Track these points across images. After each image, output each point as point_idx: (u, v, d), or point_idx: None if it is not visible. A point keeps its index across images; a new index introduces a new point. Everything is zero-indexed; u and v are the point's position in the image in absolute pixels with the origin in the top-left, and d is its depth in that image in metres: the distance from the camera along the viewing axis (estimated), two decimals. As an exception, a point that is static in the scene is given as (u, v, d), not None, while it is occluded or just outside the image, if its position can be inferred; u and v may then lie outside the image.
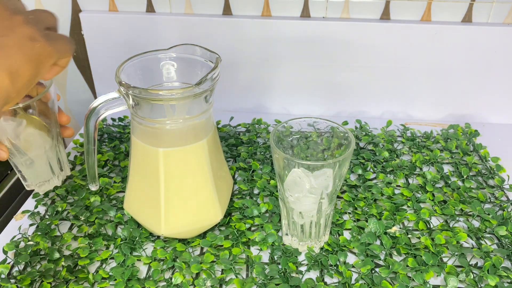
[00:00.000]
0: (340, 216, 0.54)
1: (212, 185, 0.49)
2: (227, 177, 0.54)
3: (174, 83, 0.51)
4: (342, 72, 0.73)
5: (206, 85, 0.43)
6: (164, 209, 0.47)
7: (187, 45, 0.49)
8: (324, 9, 0.71)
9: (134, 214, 0.51)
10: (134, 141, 0.48)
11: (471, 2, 0.68)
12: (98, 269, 0.48)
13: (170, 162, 0.46)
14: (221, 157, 0.53)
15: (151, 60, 0.49)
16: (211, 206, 0.49)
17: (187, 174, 0.47)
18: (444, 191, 0.58)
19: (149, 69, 0.49)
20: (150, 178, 0.47)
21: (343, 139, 0.47)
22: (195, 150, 0.47)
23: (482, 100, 0.74)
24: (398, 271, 0.46)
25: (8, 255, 0.49)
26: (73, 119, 0.87)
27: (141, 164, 0.48)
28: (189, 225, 0.49)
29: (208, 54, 0.48)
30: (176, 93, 0.42)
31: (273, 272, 0.46)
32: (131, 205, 0.51)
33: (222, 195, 0.51)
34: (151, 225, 0.49)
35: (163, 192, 0.47)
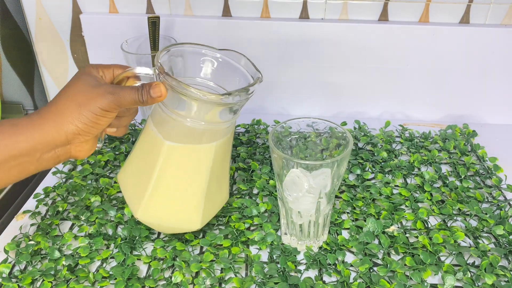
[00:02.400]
0: (338, 216, 0.54)
1: (203, 192, 0.48)
2: (223, 190, 0.52)
3: (209, 82, 0.50)
4: (341, 73, 0.74)
5: (235, 99, 0.43)
6: (148, 196, 0.47)
7: (235, 52, 0.49)
8: (323, 11, 0.71)
9: (122, 187, 0.50)
10: (149, 123, 0.48)
11: (468, 3, 0.69)
12: (99, 268, 0.48)
13: (172, 157, 0.46)
14: (226, 166, 0.51)
15: (194, 52, 0.49)
16: (194, 212, 0.48)
17: (183, 173, 0.47)
18: (442, 191, 0.58)
19: (189, 60, 0.49)
20: (148, 163, 0.47)
21: (341, 139, 0.48)
22: (201, 151, 0.47)
23: (480, 100, 0.75)
24: (396, 270, 0.46)
25: (9, 254, 0.50)
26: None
27: (145, 148, 0.48)
28: (165, 221, 0.48)
29: (252, 68, 0.48)
30: (203, 95, 0.41)
31: (272, 271, 0.46)
32: (123, 178, 0.51)
33: (210, 207, 0.50)
34: (132, 205, 0.49)
35: (154, 181, 0.46)
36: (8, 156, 0.39)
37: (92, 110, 0.41)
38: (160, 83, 0.43)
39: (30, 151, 0.40)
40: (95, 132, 0.43)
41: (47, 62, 0.80)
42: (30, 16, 0.75)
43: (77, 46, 0.78)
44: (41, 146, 0.41)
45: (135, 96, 0.42)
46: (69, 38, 0.77)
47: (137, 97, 0.42)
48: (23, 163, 0.40)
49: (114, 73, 0.46)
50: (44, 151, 0.41)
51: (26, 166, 0.41)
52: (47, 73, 0.81)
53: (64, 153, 0.43)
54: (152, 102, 0.43)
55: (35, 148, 0.40)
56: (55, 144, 0.41)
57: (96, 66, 0.45)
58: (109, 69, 0.46)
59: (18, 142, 0.40)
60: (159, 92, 0.42)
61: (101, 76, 0.45)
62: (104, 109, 0.42)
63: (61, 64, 0.80)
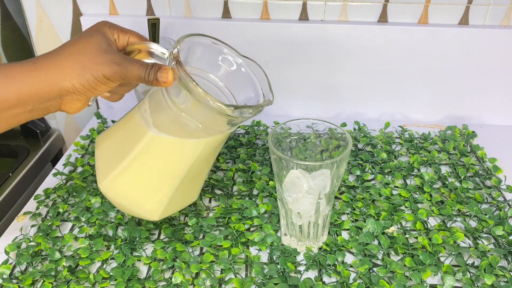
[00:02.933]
0: (338, 217, 0.54)
1: (174, 187, 0.46)
2: (194, 190, 0.51)
3: (220, 82, 0.49)
4: (341, 74, 0.74)
5: (240, 113, 0.42)
6: (118, 172, 0.46)
7: (257, 65, 0.48)
8: (323, 12, 0.71)
9: (97, 151, 0.49)
10: (143, 103, 0.46)
11: (467, 5, 0.69)
12: (99, 269, 0.48)
13: (154, 145, 0.45)
14: (206, 167, 0.50)
15: (216, 49, 0.48)
16: (157, 203, 0.47)
17: (161, 163, 0.46)
18: (441, 191, 0.58)
19: (209, 53, 0.48)
20: (127, 143, 0.46)
21: (341, 140, 0.48)
22: (186, 147, 0.45)
23: (479, 101, 0.75)
24: (396, 270, 0.47)
25: (10, 255, 0.50)
26: (73, 122, 0.87)
27: (130, 127, 0.47)
28: (126, 201, 0.47)
29: (267, 87, 0.47)
30: (205, 97, 0.40)
31: (272, 272, 0.47)
32: (101, 143, 0.49)
33: (175, 203, 0.48)
34: (99, 173, 0.48)
35: (128, 161, 0.45)
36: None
37: (94, 75, 0.40)
38: (170, 69, 0.41)
39: (22, 104, 0.39)
40: (90, 95, 0.42)
41: (48, 64, 0.80)
42: (31, 18, 0.75)
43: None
44: (33, 99, 0.39)
45: (141, 73, 0.41)
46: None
47: (143, 75, 0.41)
48: (15, 115, 0.40)
49: (129, 40, 0.45)
50: (36, 103, 0.40)
51: (17, 118, 0.40)
52: (48, 75, 0.81)
53: (55, 105, 0.42)
54: (156, 85, 0.42)
55: (27, 100, 0.39)
56: (48, 97, 0.40)
57: (113, 27, 0.44)
58: (125, 35, 0.45)
59: (10, 94, 0.38)
60: (165, 77, 0.41)
61: (115, 39, 0.44)
62: (107, 77, 0.40)
63: (62, 66, 0.80)
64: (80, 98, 0.42)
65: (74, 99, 0.42)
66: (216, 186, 0.60)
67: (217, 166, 0.64)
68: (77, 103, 0.42)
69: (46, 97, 0.40)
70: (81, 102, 0.43)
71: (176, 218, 0.55)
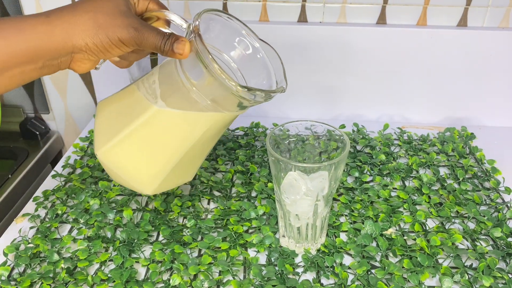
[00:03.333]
0: (336, 218, 0.54)
1: (173, 163, 0.46)
2: (192, 170, 0.50)
3: (233, 63, 0.48)
4: (339, 76, 0.74)
5: (252, 96, 0.41)
6: (117, 141, 0.45)
7: (274, 51, 0.46)
8: (321, 14, 0.72)
9: (98, 115, 0.48)
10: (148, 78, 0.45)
11: (466, 7, 0.69)
12: (97, 271, 0.48)
13: (157, 119, 0.44)
14: (208, 147, 0.49)
15: (234, 28, 0.46)
16: (153, 177, 0.46)
17: (163, 135, 0.45)
18: (440, 193, 0.58)
19: (226, 33, 0.47)
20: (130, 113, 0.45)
21: (339, 142, 0.48)
22: (191, 123, 0.44)
23: (478, 103, 0.75)
24: (394, 272, 0.47)
25: (8, 257, 0.50)
26: (73, 123, 0.87)
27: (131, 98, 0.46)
28: (121, 171, 0.46)
29: (281, 75, 0.46)
30: (220, 74, 0.39)
31: (270, 274, 0.47)
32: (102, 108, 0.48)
33: (170, 180, 0.47)
34: (98, 140, 0.47)
35: (129, 131, 0.45)
36: (10, 63, 0.37)
37: (109, 36, 0.39)
38: (187, 41, 0.40)
39: (34, 59, 0.38)
40: (101, 57, 0.41)
41: (47, 65, 0.80)
42: (30, 20, 0.75)
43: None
44: (45, 54, 0.38)
45: (158, 42, 0.40)
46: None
47: (160, 43, 0.40)
48: (26, 71, 0.39)
49: (148, 6, 0.44)
50: (47, 59, 0.39)
51: (28, 74, 0.39)
52: (47, 76, 0.82)
53: (65, 62, 0.41)
54: (171, 56, 0.41)
55: (38, 56, 0.38)
56: (59, 54, 0.39)
57: None
58: (145, 1, 0.43)
59: (22, 47, 0.37)
60: (182, 49, 0.40)
61: (134, 3, 0.43)
62: (122, 41, 0.39)
63: (61, 67, 0.81)
64: (91, 58, 0.41)
65: (85, 58, 0.41)
66: (214, 187, 0.60)
67: (216, 168, 0.64)
68: (87, 62, 0.42)
69: (57, 53, 0.39)
70: (90, 62, 0.42)
71: (175, 219, 0.55)
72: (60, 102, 0.85)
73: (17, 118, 0.85)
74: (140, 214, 0.56)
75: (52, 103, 0.85)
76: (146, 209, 0.56)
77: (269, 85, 0.46)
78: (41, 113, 0.86)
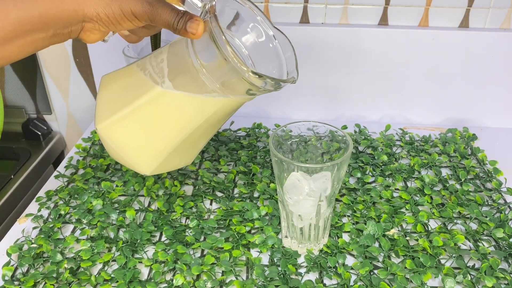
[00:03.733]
0: (339, 219, 0.54)
1: (174, 144, 0.45)
2: (192, 153, 0.49)
3: (244, 50, 0.47)
4: (341, 77, 0.74)
5: (262, 83, 0.40)
6: (119, 117, 0.44)
7: (287, 40, 0.45)
8: (323, 15, 0.72)
9: (101, 89, 0.47)
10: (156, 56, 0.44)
11: (468, 8, 0.69)
12: (100, 271, 0.48)
13: (162, 99, 0.43)
14: (211, 132, 0.48)
15: (249, 15, 0.45)
16: (152, 157, 0.45)
17: (167, 116, 0.44)
18: (442, 194, 0.59)
19: (240, 18, 0.45)
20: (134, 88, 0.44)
21: (341, 143, 0.48)
22: (196, 106, 0.43)
23: (480, 104, 0.75)
24: (396, 272, 0.47)
25: (12, 257, 0.50)
26: (75, 124, 0.88)
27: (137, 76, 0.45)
28: (120, 148, 0.46)
29: (293, 65, 0.45)
30: (233, 58, 0.38)
31: (273, 274, 0.47)
32: (106, 85, 0.47)
33: (170, 161, 0.47)
34: (100, 114, 0.46)
35: (132, 107, 0.44)
36: (21, 31, 0.37)
37: (122, 9, 0.38)
38: (201, 22, 0.39)
39: (45, 27, 0.38)
40: (112, 29, 0.41)
41: (50, 66, 0.81)
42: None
43: (79, 50, 0.79)
44: (56, 22, 0.38)
45: (171, 19, 0.39)
46: (72, 43, 0.78)
47: (173, 21, 0.39)
48: (37, 40, 0.38)
49: None
50: (58, 27, 0.39)
51: (39, 42, 0.39)
52: (49, 77, 0.82)
53: (75, 31, 0.40)
54: (183, 35, 0.39)
55: (50, 23, 0.38)
56: (70, 22, 0.39)
57: None
58: None
59: (34, 14, 0.37)
60: (195, 29, 0.39)
61: None
62: (135, 15, 0.39)
63: (63, 68, 0.81)
64: (101, 29, 0.40)
65: (95, 29, 0.40)
66: (217, 188, 0.60)
67: (218, 169, 0.64)
68: (97, 33, 0.41)
69: (68, 21, 0.39)
70: (100, 33, 0.41)
71: (177, 220, 0.55)
72: (62, 103, 0.85)
73: (19, 118, 0.85)
74: (143, 215, 0.56)
75: (54, 104, 0.85)
76: (148, 210, 0.56)
77: (279, 75, 0.45)
78: (43, 114, 0.87)
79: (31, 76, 0.82)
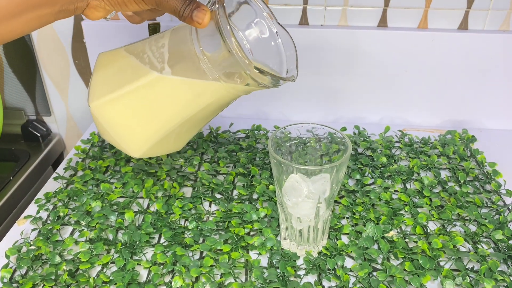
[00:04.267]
0: (338, 221, 0.54)
1: (167, 130, 0.45)
2: (183, 139, 0.49)
3: (246, 44, 0.46)
4: (341, 79, 0.74)
5: (258, 77, 0.40)
6: (114, 96, 0.44)
7: (290, 39, 0.45)
8: (323, 17, 0.72)
9: (96, 69, 0.47)
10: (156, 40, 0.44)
11: (467, 10, 0.69)
12: (99, 273, 0.48)
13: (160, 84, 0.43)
14: (204, 121, 0.48)
15: (255, 9, 0.45)
16: (143, 140, 0.45)
17: (162, 101, 0.44)
18: (441, 196, 0.59)
19: (246, 12, 0.46)
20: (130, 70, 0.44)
21: (341, 145, 0.48)
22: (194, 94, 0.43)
23: (479, 106, 0.75)
24: (395, 275, 0.47)
25: (10, 259, 0.50)
26: (75, 125, 0.88)
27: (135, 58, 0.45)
28: (111, 128, 0.45)
29: (293, 64, 0.45)
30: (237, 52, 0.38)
31: (272, 276, 0.47)
32: (102, 63, 0.47)
33: (161, 146, 0.47)
34: (94, 91, 0.46)
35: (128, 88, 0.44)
36: (27, 5, 0.37)
37: None
38: (208, 11, 0.39)
39: (51, 2, 0.38)
40: (117, 9, 0.41)
41: (49, 68, 0.81)
42: (32, 22, 0.76)
43: (78, 52, 0.79)
44: None
45: (178, 5, 0.39)
46: (71, 44, 0.78)
47: (179, 8, 0.39)
48: (43, 15, 0.38)
49: None
50: (64, 3, 0.39)
51: (45, 18, 0.39)
52: (49, 79, 0.82)
53: (81, 7, 0.40)
54: (188, 23, 0.39)
55: (56, 0, 0.38)
56: None
57: None
58: None
59: None
60: (201, 18, 0.39)
61: None
62: None
63: (63, 70, 0.81)
64: (106, 8, 0.41)
65: (100, 7, 0.40)
66: (216, 190, 0.60)
67: (217, 170, 0.64)
68: (101, 11, 0.41)
69: None
70: (104, 11, 0.41)
71: (176, 221, 0.55)
72: (61, 105, 0.85)
73: (18, 120, 0.85)
74: (142, 216, 0.56)
75: (54, 105, 0.85)
76: (147, 211, 0.56)
77: (279, 72, 0.46)
78: (43, 115, 0.87)
79: (30, 77, 0.82)
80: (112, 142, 0.48)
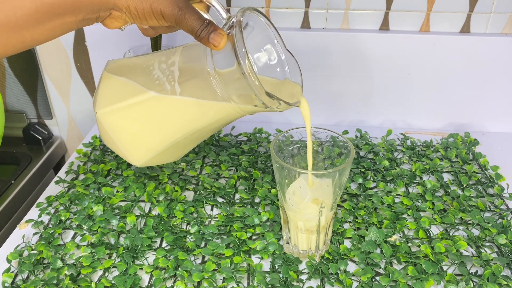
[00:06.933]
0: (340, 225, 0.54)
1: (168, 144, 0.46)
2: (182, 151, 0.50)
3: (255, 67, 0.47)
4: (343, 82, 0.74)
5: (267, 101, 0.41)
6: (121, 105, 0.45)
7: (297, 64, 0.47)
8: (324, 20, 0.72)
9: (104, 78, 0.48)
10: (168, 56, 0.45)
11: (469, 13, 0.69)
12: (101, 278, 0.48)
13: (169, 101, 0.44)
14: (207, 135, 0.49)
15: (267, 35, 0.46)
16: (145, 151, 0.47)
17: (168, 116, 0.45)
18: (444, 199, 0.58)
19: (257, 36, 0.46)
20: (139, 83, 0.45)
21: (343, 148, 0.48)
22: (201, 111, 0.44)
23: (481, 109, 0.75)
24: (398, 279, 0.46)
25: (12, 263, 0.50)
26: (76, 129, 0.88)
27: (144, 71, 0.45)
28: (117, 136, 0.47)
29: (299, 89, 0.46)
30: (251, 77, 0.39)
31: (274, 281, 0.46)
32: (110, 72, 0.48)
33: (160, 156, 0.48)
34: (101, 99, 0.47)
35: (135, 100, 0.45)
36: (53, 13, 0.37)
37: (152, 7, 0.39)
38: (225, 35, 0.40)
39: (76, 11, 0.39)
40: (137, 22, 0.41)
41: (51, 71, 0.81)
42: (34, 26, 0.76)
43: (80, 55, 0.79)
44: (87, 7, 0.39)
45: (196, 26, 0.40)
46: (73, 47, 0.78)
47: (198, 29, 0.40)
48: (66, 23, 0.39)
49: None
50: (89, 12, 0.39)
51: (68, 26, 0.39)
52: (51, 82, 0.82)
53: (102, 17, 0.41)
54: (204, 44, 0.41)
55: (81, 8, 0.39)
56: (100, 8, 0.40)
57: None
58: None
59: (67, 1, 0.38)
60: (218, 42, 0.40)
61: None
62: (163, 15, 0.40)
63: (64, 73, 0.81)
64: (126, 20, 0.41)
65: (121, 18, 0.41)
66: (218, 193, 0.60)
67: (219, 174, 0.64)
68: (120, 21, 0.42)
69: (99, 7, 0.39)
70: (122, 22, 0.42)
71: (178, 225, 0.55)
72: (63, 108, 0.85)
73: (20, 123, 0.85)
74: (144, 220, 0.56)
75: (55, 108, 0.85)
76: (149, 215, 0.56)
77: None
78: (44, 119, 0.87)
79: (32, 80, 0.82)
80: (114, 149, 0.48)
